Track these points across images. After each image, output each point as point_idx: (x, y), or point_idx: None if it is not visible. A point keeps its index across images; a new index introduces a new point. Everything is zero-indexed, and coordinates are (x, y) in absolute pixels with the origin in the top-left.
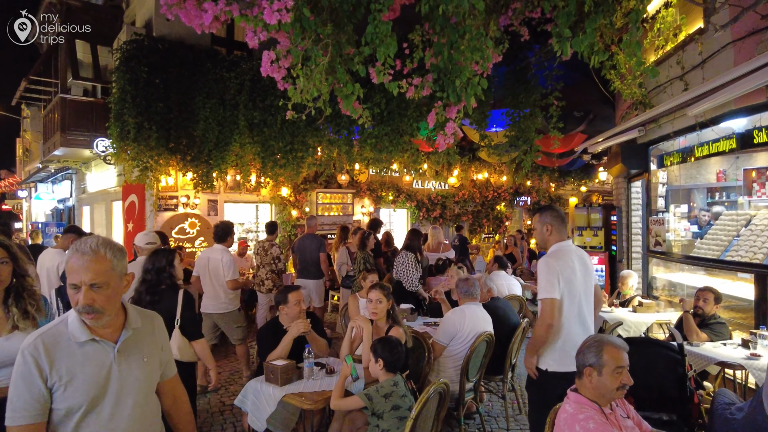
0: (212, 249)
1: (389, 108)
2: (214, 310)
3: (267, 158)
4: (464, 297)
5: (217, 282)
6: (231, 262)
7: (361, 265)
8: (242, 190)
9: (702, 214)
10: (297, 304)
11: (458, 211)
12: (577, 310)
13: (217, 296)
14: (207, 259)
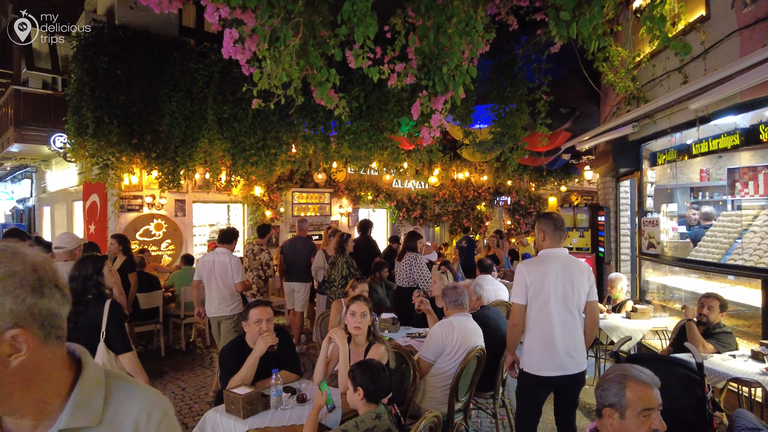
0: (216, 252)
1: (368, 102)
2: (222, 312)
3: (237, 155)
4: (452, 307)
5: (224, 284)
6: (238, 264)
7: (344, 270)
8: (212, 190)
9: (692, 213)
10: (258, 322)
11: (438, 211)
12: (549, 316)
13: (225, 299)
14: (212, 263)
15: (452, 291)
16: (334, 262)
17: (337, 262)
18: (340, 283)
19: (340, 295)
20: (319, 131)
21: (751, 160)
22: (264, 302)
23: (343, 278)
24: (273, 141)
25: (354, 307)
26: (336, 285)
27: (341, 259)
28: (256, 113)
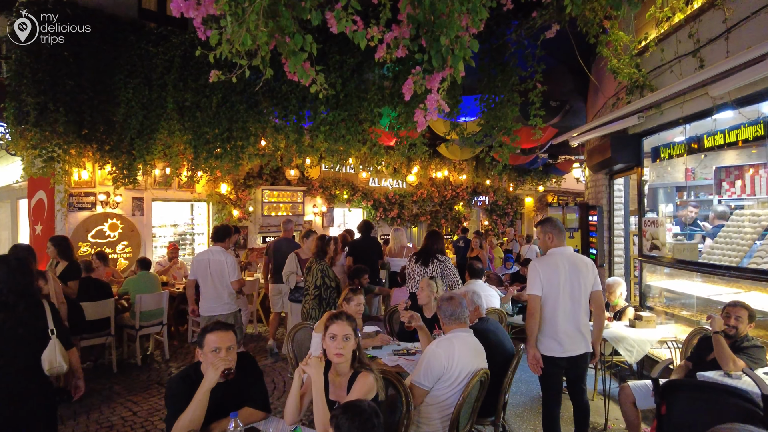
0: (211, 250)
1: (346, 90)
2: (217, 312)
3: (200, 147)
4: (449, 322)
5: (220, 283)
6: (234, 262)
7: (318, 278)
8: (173, 186)
9: (690, 212)
10: (216, 351)
11: (416, 211)
12: (561, 306)
13: (221, 297)
14: (207, 261)
15: (448, 303)
16: (309, 267)
17: (312, 268)
18: (313, 293)
19: (316, 307)
20: (292, 121)
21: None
22: (224, 326)
23: (317, 288)
24: (239, 132)
25: (334, 329)
26: (311, 294)
27: (316, 266)
28: (220, 102)
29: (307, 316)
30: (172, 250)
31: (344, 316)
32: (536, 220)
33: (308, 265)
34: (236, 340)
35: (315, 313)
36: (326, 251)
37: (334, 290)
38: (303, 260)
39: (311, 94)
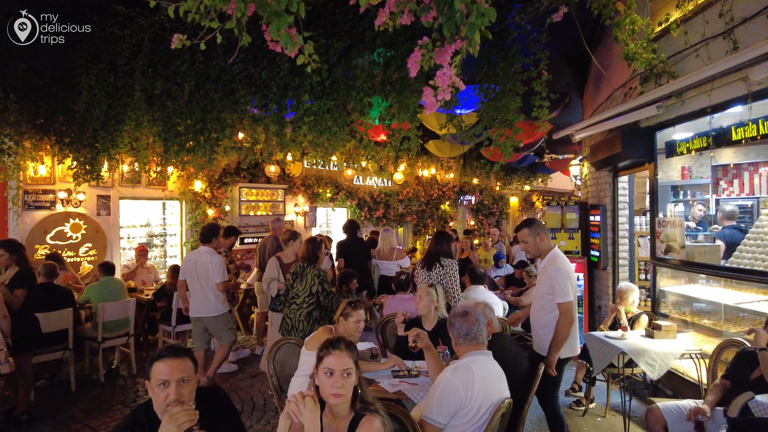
0: (199, 251)
1: (333, 77)
2: (204, 313)
3: (170, 140)
4: (465, 342)
5: (206, 285)
6: (220, 263)
7: (314, 285)
8: (143, 183)
9: (698, 211)
10: (164, 386)
11: (402, 211)
12: (575, 307)
13: (207, 299)
14: (194, 262)
15: (463, 320)
16: (299, 273)
17: (305, 273)
18: (307, 301)
19: (304, 319)
20: (272, 111)
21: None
22: (177, 351)
23: (312, 295)
24: (214, 123)
25: (331, 362)
26: (299, 304)
27: (311, 271)
28: (193, 90)
29: (290, 330)
30: (140, 252)
31: (343, 344)
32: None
33: (296, 271)
34: (194, 369)
35: (303, 326)
36: (318, 255)
37: (335, 296)
38: (285, 265)
39: (294, 82)
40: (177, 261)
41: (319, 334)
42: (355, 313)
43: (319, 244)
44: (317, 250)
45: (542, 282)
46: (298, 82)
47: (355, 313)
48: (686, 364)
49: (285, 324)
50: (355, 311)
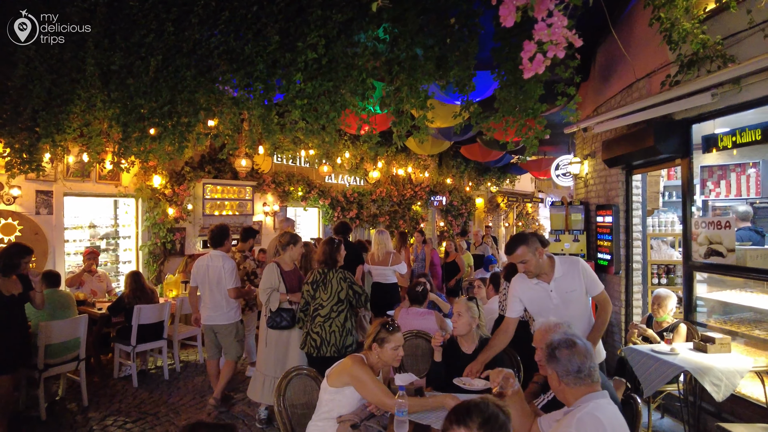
0: (210, 256)
1: (330, 53)
2: (216, 321)
3: (131, 125)
4: (577, 383)
5: (219, 291)
6: (233, 268)
7: (342, 290)
8: (92, 178)
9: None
10: None
11: (375, 211)
12: None
13: (219, 306)
14: (206, 267)
15: (571, 352)
16: (320, 281)
17: (328, 280)
18: (335, 310)
19: (336, 331)
20: (257, 92)
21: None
22: None
23: (341, 302)
24: (185, 105)
25: None
26: (325, 315)
27: (335, 275)
28: (160, 65)
29: (319, 346)
30: (89, 256)
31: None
32: (487, 222)
33: (314, 279)
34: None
35: (335, 338)
36: (336, 259)
37: (367, 297)
38: (287, 273)
39: (284, 59)
40: (132, 267)
41: (346, 367)
42: (393, 337)
43: (338, 245)
44: (335, 252)
45: (572, 287)
46: (289, 59)
47: (393, 338)
48: (748, 383)
49: (311, 341)
50: (392, 335)
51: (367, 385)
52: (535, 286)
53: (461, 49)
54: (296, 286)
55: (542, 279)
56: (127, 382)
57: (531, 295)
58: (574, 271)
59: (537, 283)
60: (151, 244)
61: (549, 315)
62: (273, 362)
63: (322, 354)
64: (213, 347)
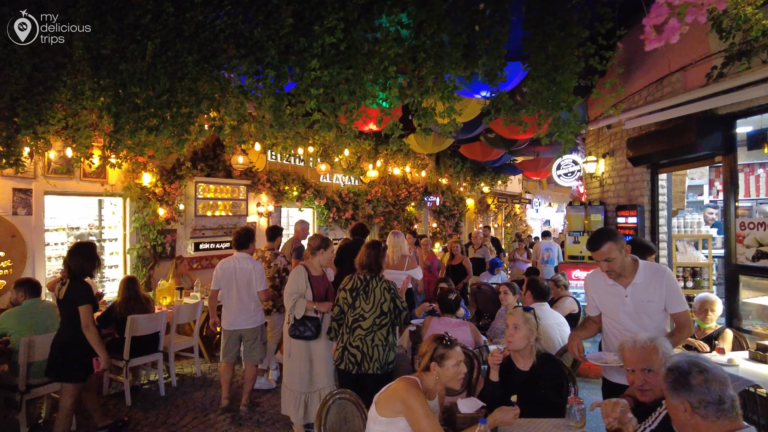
0: (236, 258)
1: (350, 38)
2: (243, 325)
3: (124, 115)
4: (719, 417)
5: (247, 294)
6: (263, 270)
7: (385, 301)
8: (76, 175)
9: (708, 213)
10: None
11: (370, 212)
12: None
13: (247, 310)
14: (233, 270)
15: (703, 377)
16: (362, 288)
17: (370, 288)
18: (378, 323)
19: (380, 345)
20: (267, 81)
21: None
22: None
23: (384, 315)
24: (185, 95)
25: None
26: (367, 328)
27: (378, 284)
28: (158, 50)
29: (360, 362)
30: None
31: None
32: (477, 224)
33: (355, 286)
34: None
35: (379, 353)
36: (381, 264)
37: (409, 313)
38: (314, 278)
39: (299, 44)
40: (119, 272)
41: (398, 393)
42: (452, 352)
43: (383, 249)
44: (380, 257)
45: (650, 297)
46: (304, 44)
47: (453, 353)
48: None
49: (350, 356)
50: (452, 350)
51: (419, 420)
52: (610, 287)
53: (491, 37)
54: (323, 293)
55: (619, 281)
56: (119, 400)
57: (603, 295)
58: (657, 280)
59: (612, 284)
60: (140, 247)
61: (618, 319)
62: (298, 377)
63: (363, 371)
64: (232, 350)
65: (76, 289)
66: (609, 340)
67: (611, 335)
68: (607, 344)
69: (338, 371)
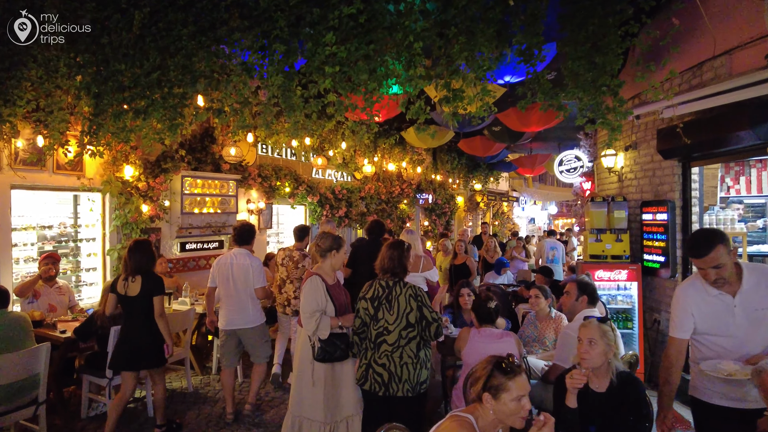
0: (235, 254)
1: (370, 9)
2: (240, 325)
3: (107, 96)
4: None
5: (244, 292)
6: (261, 267)
7: (411, 311)
8: (48, 167)
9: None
10: None
11: (363, 210)
12: None
13: (244, 308)
14: (230, 266)
15: None
16: (383, 297)
17: (393, 296)
18: (404, 336)
19: (409, 362)
20: (275, 57)
21: None
22: None
23: (411, 327)
24: (179, 73)
25: None
26: (393, 343)
27: (404, 290)
28: (147, 21)
29: (387, 382)
30: (46, 261)
31: None
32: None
33: (376, 294)
34: None
35: (408, 373)
36: (406, 267)
37: (440, 324)
38: (332, 287)
39: (312, 14)
40: (98, 276)
41: None
42: (514, 383)
43: (407, 249)
44: (405, 258)
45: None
46: (318, 15)
47: (516, 384)
48: None
49: (375, 376)
50: (513, 380)
51: None
52: (714, 299)
53: (528, 12)
54: (344, 304)
55: (725, 290)
56: (101, 424)
57: (707, 310)
58: (767, 282)
59: (718, 294)
60: (121, 247)
61: (729, 334)
62: (322, 405)
63: (391, 392)
64: (231, 355)
65: (150, 281)
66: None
67: (708, 355)
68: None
69: (362, 392)
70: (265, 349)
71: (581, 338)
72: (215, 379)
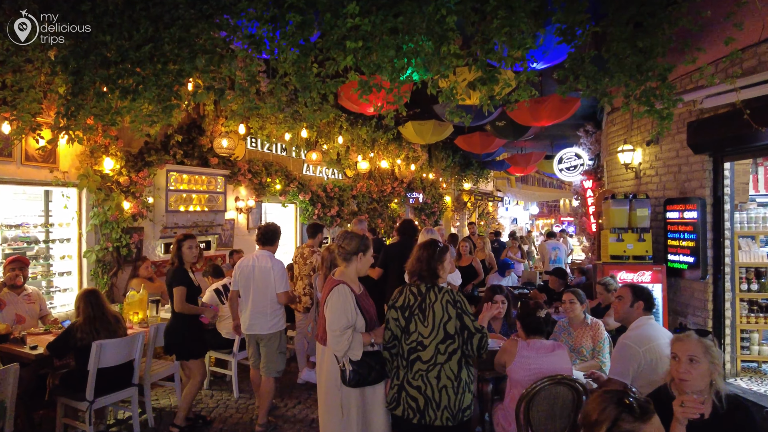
0: (257, 256)
1: None
2: (257, 330)
3: (88, 73)
4: None
5: (264, 295)
6: (284, 270)
7: (449, 321)
8: (15, 158)
9: None
10: None
11: (355, 208)
12: None
13: (263, 313)
14: (251, 268)
15: None
16: (415, 306)
17: (427, 304)
18: (443, 350)
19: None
20: (287, 28)
21: None
22: None
23: (450, 338)
24: (174, 46)
25: None
26: (428, 360)
27: (439, 296)
28: None
29: (423, 409)
30: (12, 265)
31: None
32: (454, 222)
33: (406, 303)
34: None
35: (448, 398)
36: (439, 273)
37: (486, 336)
38: (360, 297)
39: None
40: (72, 281)
41: None
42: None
43: (442, 250)
44: (436, 261)
45: None
46: None
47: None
48: None
49: (408, 399)
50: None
51: None
52: None
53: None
54: (374, 316)
55: None
56: None
57: None
58: None
59: None
60: (99, 249)
61: None
62: None
63: (427, 421)
64: (256, 357)
65: (169, 274)
66: None
67: None
68: None
69: (393, 417)
70: (278, 362)
71: (677, 355)
72: (207, 395)
